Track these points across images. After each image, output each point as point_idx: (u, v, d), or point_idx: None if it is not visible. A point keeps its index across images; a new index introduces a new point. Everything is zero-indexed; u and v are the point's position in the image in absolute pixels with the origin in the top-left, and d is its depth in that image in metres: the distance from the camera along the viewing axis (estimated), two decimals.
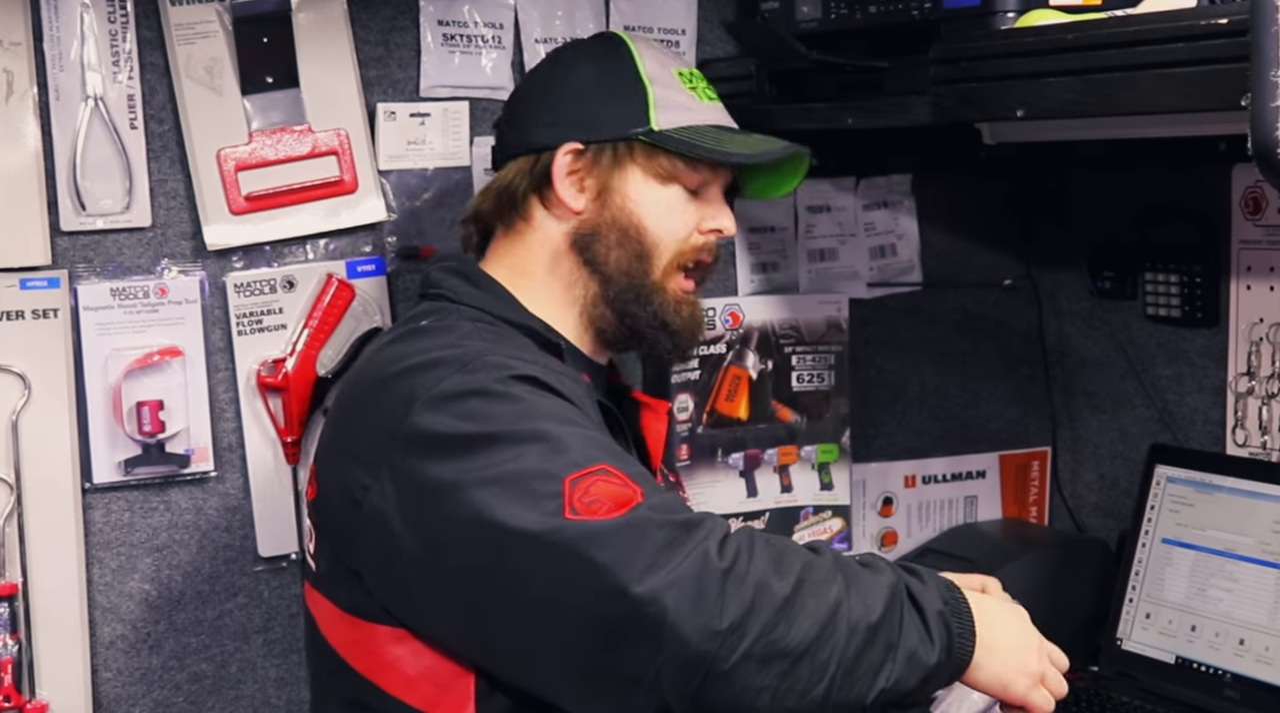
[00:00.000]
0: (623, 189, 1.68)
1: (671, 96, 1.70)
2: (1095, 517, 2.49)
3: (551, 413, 1.45)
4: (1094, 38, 1.55)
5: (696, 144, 1.67)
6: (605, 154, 1.68)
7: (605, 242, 1.67)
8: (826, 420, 2.33)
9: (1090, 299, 2.42)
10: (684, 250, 1.70)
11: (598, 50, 1.76)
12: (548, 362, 1.57)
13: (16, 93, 1.85)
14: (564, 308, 1.70)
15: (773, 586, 1.33)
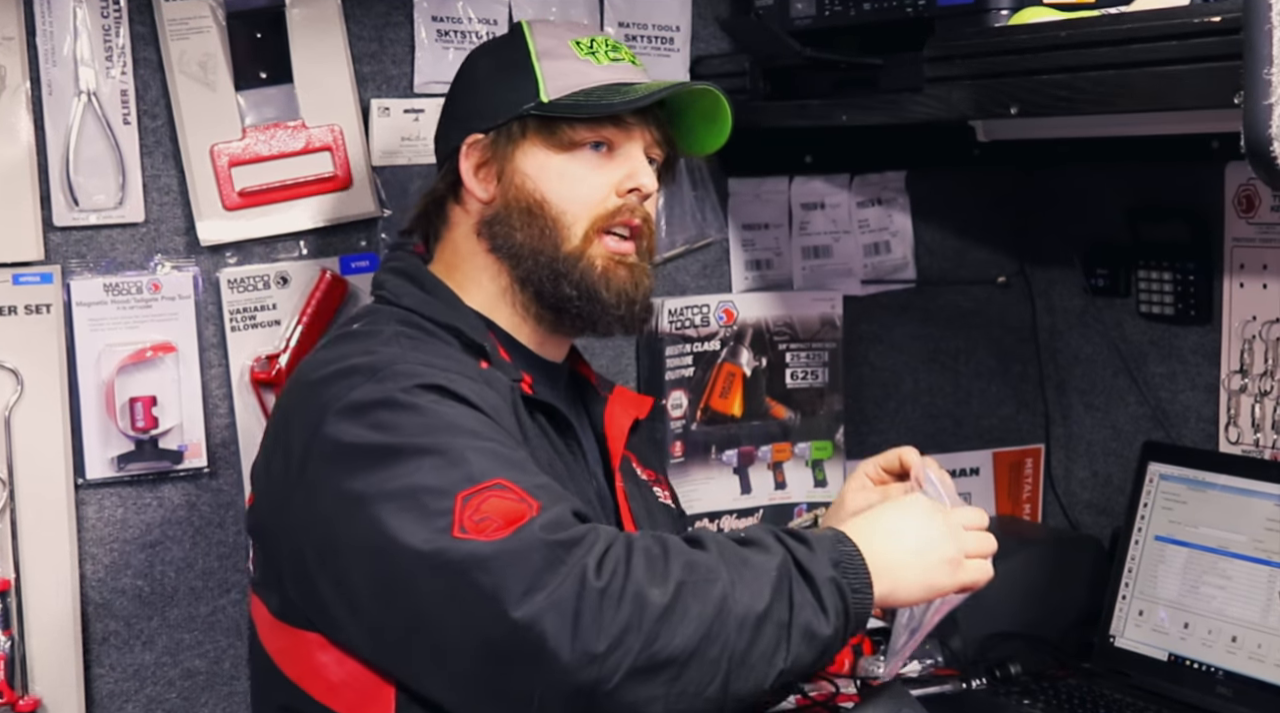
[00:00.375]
0: (523, 168, 1.65)
1: (562, 66, 1.67)
2: (1088, 514, 2.49)
3: (454, 423, 1.43)
4: (1087, 35, 1.55)
5: (582, 104, 1.64)
6: (502, 138, 1.66)
7: (508, 224, 1.64)
8: (820, 417, 2.33)
9: (1084, 296, 2.42)
10: (600, 215, 1.65)
11: (495, 42, 1.77)
12: (464, 366, 1.54)
13: (9, 88, 1.85)
14: (497, 301, 1.67)
15: (651, 597, 1.33)
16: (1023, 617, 2.25)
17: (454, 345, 1.59)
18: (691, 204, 2.25)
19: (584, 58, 1.68)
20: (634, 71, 1.71)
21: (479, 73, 1.72)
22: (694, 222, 2.26)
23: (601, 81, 1.66)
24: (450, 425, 1.43)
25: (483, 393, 1.50)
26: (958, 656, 2.22)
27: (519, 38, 1.70)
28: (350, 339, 1.57)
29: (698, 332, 2.23)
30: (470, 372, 1.54)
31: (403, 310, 1.62)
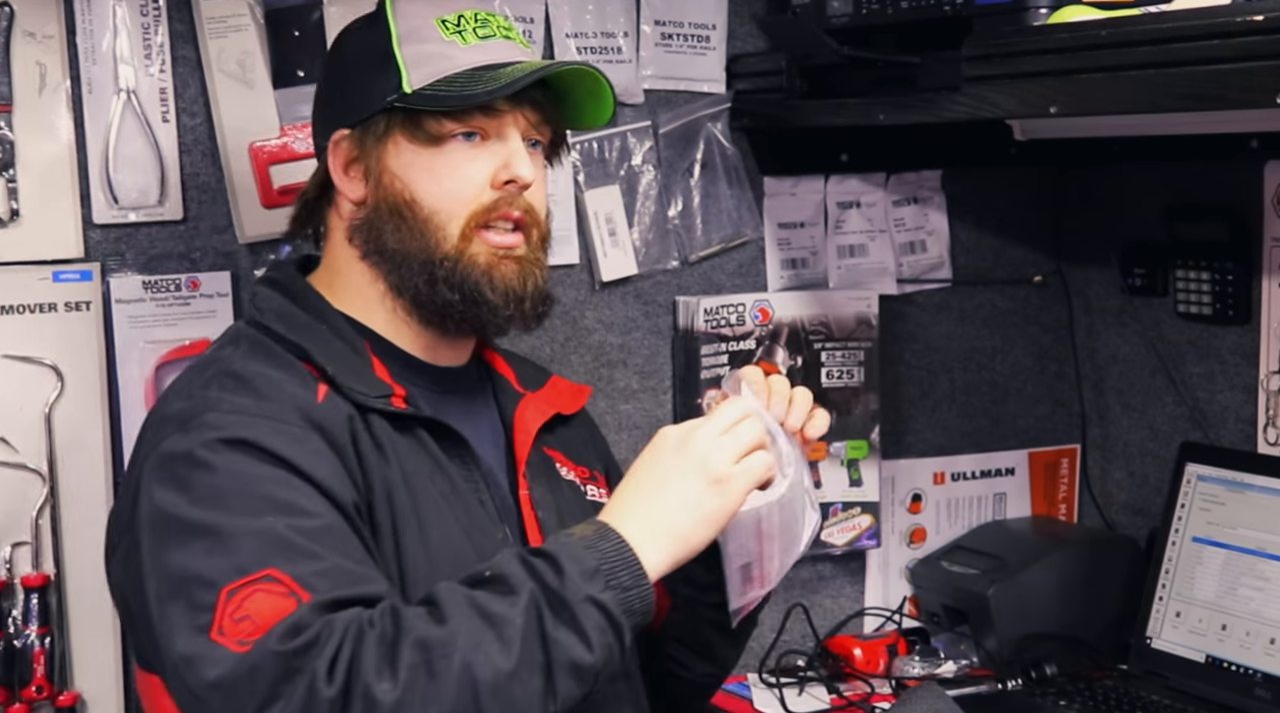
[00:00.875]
0: (390, 166, 1.53)
1: (426, 50, 1.54)
2: (1125, 515, 2.48)
3: (248, 490, 1.35)
4: (1128, 34, 1.54)
5: (445, 95, 1.51)
6: (369, 134, 1.54)
7: (378, 227, 1.54)
8: (856, 417, 2.32)
9: (1121, 296, 2.40)
10: (475, 211, 1.53)
11: (360, 22, 1.62)
12: (290, 405, 1.43)
13: (49, 85, 1.86)
14: (375, 308, 1.57)
15: (379, 694, 1.25)
16: (1059, 618, 2.24)
17: (296, 370, 1.48)
18: (727, 202, 2.25)
19: (449, 38, 1.55)
20: (506, 48, 1.57)
21: (344, 58, 1.61)
22: (730, 220, 2.25)
23: (468, 65, 1.54)
24: (243, 493, 1.35)
25: (302, 440, 1.40)
26: (993, 656, 2.22)
27: (381, 17, 1.57)
28: (194, 368, 1.50)
29: (733, 330, 2.23)
30: (290, 415, 1.42)
31: (258, 329, 1.53)
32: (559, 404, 1.71)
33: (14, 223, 1.85)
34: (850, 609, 2.39)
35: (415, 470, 1.49)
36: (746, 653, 2.30)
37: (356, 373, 1.50)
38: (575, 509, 1.64)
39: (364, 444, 1.45)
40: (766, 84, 2.17)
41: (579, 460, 1.72)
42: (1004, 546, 2.36)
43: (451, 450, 1.54)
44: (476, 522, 1.52)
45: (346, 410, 1.46)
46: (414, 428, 1.51)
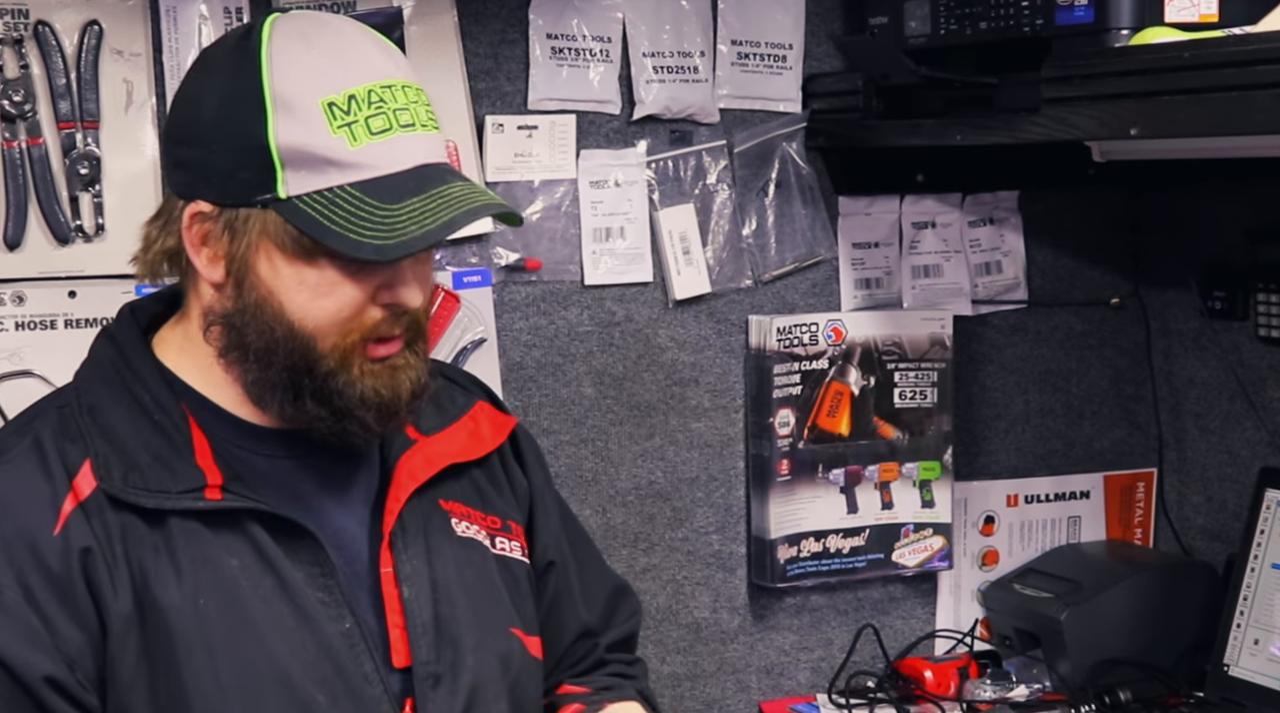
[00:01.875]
0: (256, 266, 1.34)
1: (306, 144, 1.31)
2: (1202, 540, 2.45)
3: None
4: (1211, 56, 1.53)
5: (325, 227, 1.31)
6: (233, 220, 1.34)
7: (240, 328, 1.37)
8: (929, 437, 2.31)
9: (1200, 319, 2.38)
10: (353, 330, 1.36)
11: (228, 59, 1.36)
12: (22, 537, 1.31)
13: (136, 103, 1.89)
14: (222, 383, 1.41)
15: None
16: (1133, 643, 2.22)
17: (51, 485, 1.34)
18: (802, 222, 2.24)
19: (336, 134, 1.31)
20: (405, 147, 1.35)
21: (205, 109, 1.35)
22: (804, 240, 2.25)
23: (356, 178, 1.32)
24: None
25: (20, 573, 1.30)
26: (1066, 681, 2.20)
27: (252, 67, 1.33)
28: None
29: (806, 350, 2.23)
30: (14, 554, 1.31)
31: (59, 411, 1.40)
32: (465, 448, 1.54)
33: (99, 237, 1.88)
34: (921, 631, 2.38)
35: (222, 578, 1.34)
36: (817, 673, 2.31)
37: (164, 463, 1.36)
38: (464, 573, 1.48)
39: (103, 578, 1.32)
40: (842, 104, 2.17)
41: (490, 509, 1.56)
42: (1078, 569, 2.34)
43: (284, 538, 1.38)
44: (305, 619, 1.37)
45: (83, 542, 1.31)
46: (237, 519, 1.36)
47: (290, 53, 1.34)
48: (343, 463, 1.45)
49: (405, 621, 1.42)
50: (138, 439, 1.37)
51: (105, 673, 1.33)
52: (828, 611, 2.32)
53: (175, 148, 1.39)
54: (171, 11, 1.90)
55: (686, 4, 2.15)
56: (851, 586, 2.32)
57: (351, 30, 1.39)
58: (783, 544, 2.23)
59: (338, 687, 1.37)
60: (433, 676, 1.42)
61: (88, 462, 1.35)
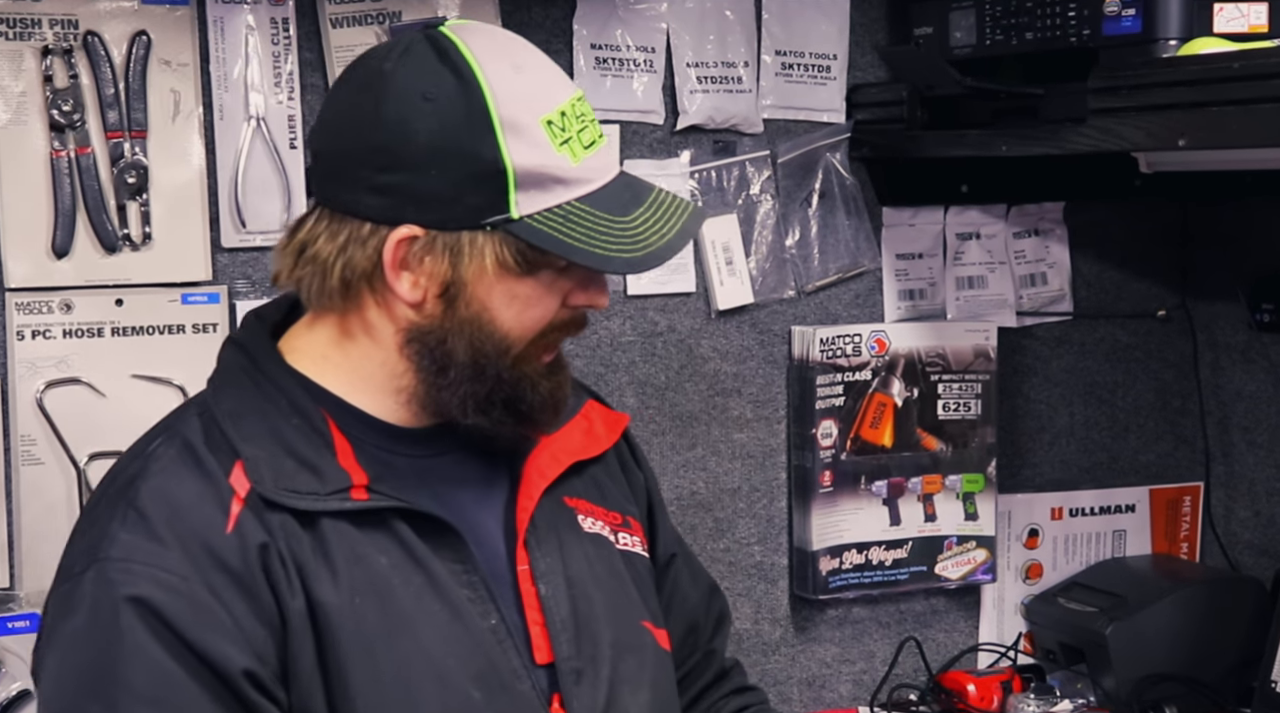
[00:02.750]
0: (474, 286, 1.35)
1: (538, 164, 1.32)
2: (1249, 555, 2.43)
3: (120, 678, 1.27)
4: (1261, 67, 1.52)
5: (568, 243, 1.33)
6: (451, 243, 1.34)
7: (448, 345, 1.37)
8: (972, 450, 2.30)
9: (1248, 332, 2.36)
10: (544, 333, 1.40)
11: (437, 82, 1.33)
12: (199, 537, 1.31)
13: (183, 112, 1.91)
14: (380, 392, 1.41)
15: None
16: (1179, 658, 2.20)
17: (214, 487, 1.34)
18: (845, 233, 2.24)
19: (560, 152, 1.33)
20: (605, 157, 1.38)
21: (420, 136, 1.32)
22: (847, 250, 2.25)
23: (581, 193, 1.35)
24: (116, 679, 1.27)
25: (192, 598, 1.29)
26: (1111, 696, 2.18)
27: (474, 93, 1.31)
28: (131, 456, 1.40)
29: (849, 361, 2.22)
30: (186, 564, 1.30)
31: (201, 419, 1.39)
32: (585, 446, 1.55)
33: (146, 246, 1.89)
34: (964, 644, 2.36)
35: (375, 577, 1.35)
36: (859, 686, 2.30)
37: (310, 467, 1.36)
38: (595, 569, 1.50)
39: (278, 574, 1.32)
40: (887, 114, 2.16)
41: (611, 505, 1.57)
42: (1123, 584, 2.32)
43: (431, 535, 1.38)
44: (457, 615, 1.38)
45: (259, 539, 1.32)
46: (384, 517, 1.37)
47: (503, 74, 1.33)
48: (476, 462, 1.46)
49: (544, 618, 1.43)
50: (281, 443, 1.37)
51: (287, 670, 1.33)
52: (870, 623, 2.31)
53: (374, 173, 1.34)
54: (219, 22, 1.92)
55: (731, 14, 2.15)
56: (894, 598, 2.31)
57: (532, 46, 1.41)
58: (825, 556, 2.22)
59: (492, 682, 1.38)
60: (575, 671, 1.43)
61: (238, 464, 1.35)
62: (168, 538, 1.31)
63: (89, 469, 1.87)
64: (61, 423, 1.86)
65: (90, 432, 1.87)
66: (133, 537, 1.31)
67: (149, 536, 1.31)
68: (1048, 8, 1.86)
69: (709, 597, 1.72)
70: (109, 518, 1.33)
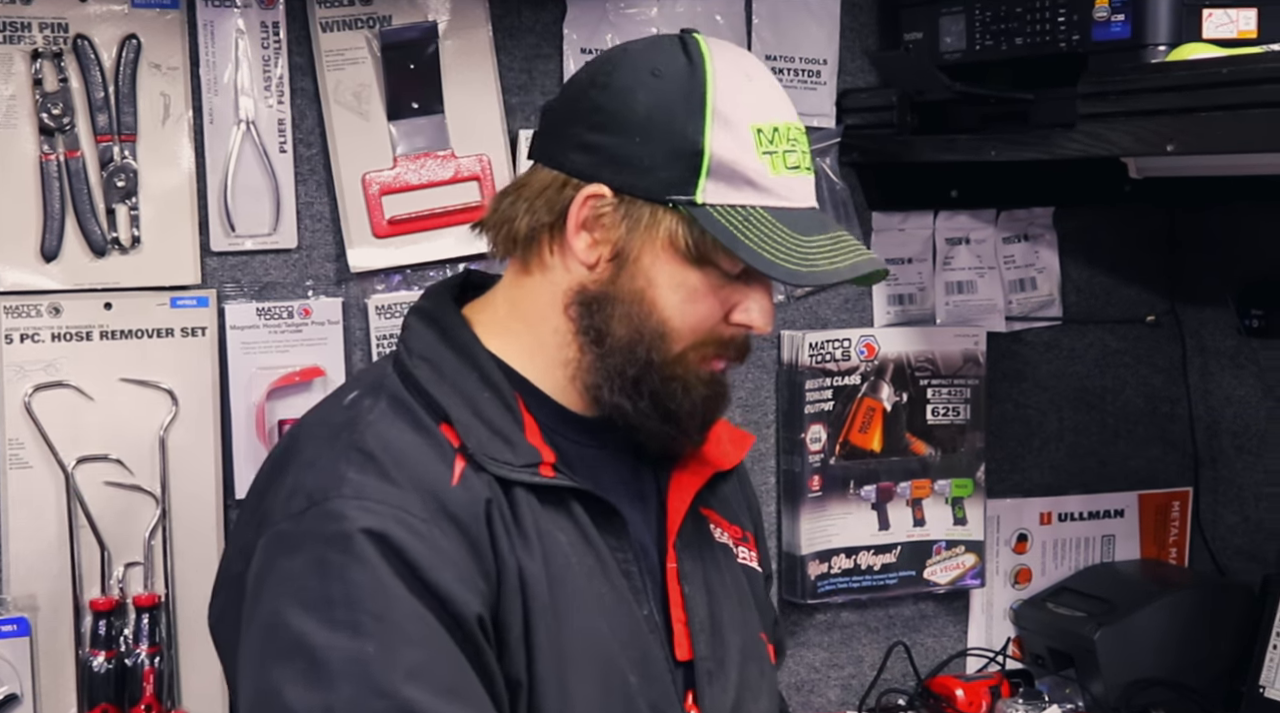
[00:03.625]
0: (643, 258, 1.39)
1: (735, 160, 1.38)
2: (1238, 560, 2.43)
3: (357, 602, 1.27)
4: (1250, 73, 1.52)
5: (740, 240, 1.36)
6: (634, 210, 1.39)
7: (607, 312, 1.41)
8: (961, 454, 2.30)
9: (1237, 337, 2.36)
10: (705, 341, 1.42)
11: (670, 63, 1.40)
12: (425, 487, 1.33)
13: (173, 116, 1.90)
14: (550, 368, 1.45)
15: None
16: (1167, 663, 2.20)
17: (434, 439, 1.37)
18: None
19: (761, 158, 1.38)
20: (805, 188, 1.44)
21: (638, 103, 1.38)
22: None
23: (771, 204, 1.39)
24: (352, 604, 1.27)
25: (429, 539, 1.30)
26: (1099, 701, 2.18)
27: (699, 81, 1.38)
28: (329, 427, 1.40)
29: (838, 365, 2.22)
30: (420, 506, 1.32)
31: (402, 378, 1.42)
32: (719, 459, 1.57)
33: (135, 250, 1.89)
34: (953, 649, 2.37)
35: (557, 549, 1.38)
36: (847, 690, 2.30)
37: (504, 437, 1.39)
38: (725, 578, 1.54)
39: (499, 531, 1.35)
40: (877, 119, 2.17)
41: (733, 519, 1.62)
42: (1112, 588, 2.32)
43: (601, 520, 1.43)
44: (621, 600, 1.42)
45: (483, 493, 1.35)
46: (563, 497, 1.41)
47: (733, 76, 1.40)
48: (629, 462, 1.50)
49: (687, 616, 1.47)
50: (478, 413, 1.40)
51: (499, 627, 1.34)
52: (858, 628, 2.31)
53: (585, 130, 1.41)
54: (209, 26, 1.92)
55: (721, 19, 2.15)
56: (883, 603, 2.31)
57: (771, 75, 1.47)
58: (813, 560, 2.22)
59: (646, 670, 1.41)
60: (709, 672, 1.47)
61: (445, 424, 1.38)
62: (401, 481, 1.32)
63: (77, 473, 1.87)
64: (49, 427, 1.86)
65: (78, 435, 1.87)
66: (364, 477, 1.32)
67: (381, 476, 1.32)
68: (1037, 13, 1.86)
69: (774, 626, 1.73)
70: (332, 459, 1.34)
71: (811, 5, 2.20)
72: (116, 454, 1.89)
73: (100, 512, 1.88)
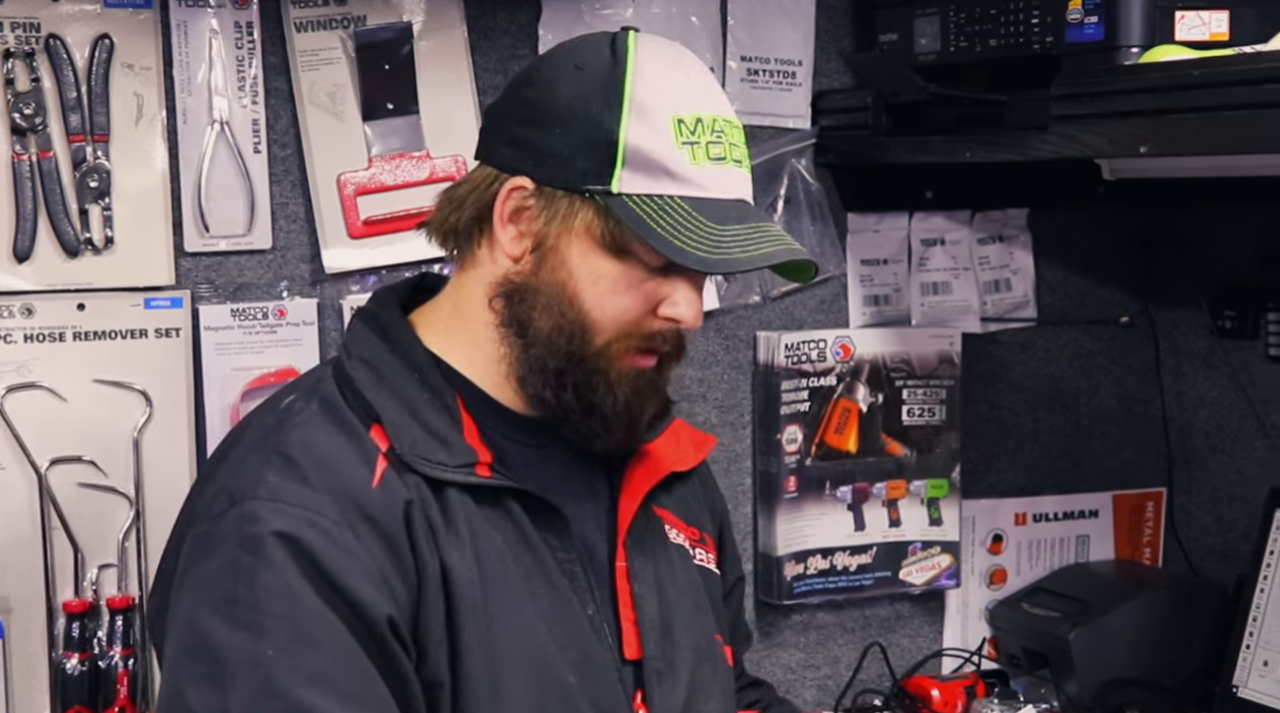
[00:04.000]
0: (563, 249, 1.40)
1: (651, 149, 1.38)
2: (1211, 560, 2.44)
3: (263, 605, 1.28)
4: (1222, 75, 1.52)
5: (651, 227, 1.36)
6: (554, 202, 1.40)
7: (528, 304, 1.42)
8: (936, 455, 2.31)
9: (1210, 338, 2.37)
10: (630, 334, 1.42)
11: (593, 57, 1.42)
12: (346, 488, 1.34)
13: (146, 116, 1.90)
14: (488, 362, 1.46)
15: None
16: (1142, 663, 2.21)
17: (359, 442, 1.38)
18: (810, 238, 2.24)
19: (680, 148, 1.38)
20: (731, 181, 1.42)
21: (559, 94, 1.41)
22: (812, 256, 2.24)
23: (688, 193, 1.39)
24: (258, 606, 1.28)
25: (342, 542, 1.31)
26: (1074, 701, 2.19)
27: (618, 69, 1.40)
28: (258, 430, 1.42)
29: (814, 366, 2.22)
30: (335, 510, 1.32)
31: (340, 381, 1.43)
32: (676, 460, 1.58)
33: (108, 250, 1.88)
34: (928, 649, 2.37)
35: (491, 550, 1.39)
36: (823, 691, 2.30)
37: (440, 438, 1.40)
38: (679, 578, 1.55)
39: (420, 533, 1.35)
40: (852, 120, 2.17)
41: (690, 520, 1.63)
42: (1086, 589, 2.33)
43: (541, 519, 1.44)
44: (561, 600, 1.43)
45: (403, 495, 1.36)
46: (501, 497, 1.42)
47: (656, 66, 1.41)
48: (579, 462, 1.50)
49: (636, 615, 1.47)
50: (414, 413, 1.41)
51: (418, 630, 1.35)
52: (834, 628, 2.31)
53: (513, 125, 1.43)
54: (182, 26, 1.91)
55: (696, 20, 2.15)
56: (858, 603, 2.31)
57: (704, 66, 1.48)
58: (789, 561, 2.22)
59: (586, 669, 1.42)
60: (658, 671, 1.47)
61: (375, 427, 1.39)
62: (317, 484, 1.34)
63: (50, 474, 1.86)
64: (22, 428, 1.85)
65: (52, 437, 1.86)
66: (282, 480, 1.34)
67: (299, 480, 1.34)
68: (1011, 15, 1.87)
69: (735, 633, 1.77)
70: (256, 462, 1.36)
71: (787, 6, 2.20)
72: (90, 456, 1.88)
73: (73, 513, 1.87)
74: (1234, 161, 1.74)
